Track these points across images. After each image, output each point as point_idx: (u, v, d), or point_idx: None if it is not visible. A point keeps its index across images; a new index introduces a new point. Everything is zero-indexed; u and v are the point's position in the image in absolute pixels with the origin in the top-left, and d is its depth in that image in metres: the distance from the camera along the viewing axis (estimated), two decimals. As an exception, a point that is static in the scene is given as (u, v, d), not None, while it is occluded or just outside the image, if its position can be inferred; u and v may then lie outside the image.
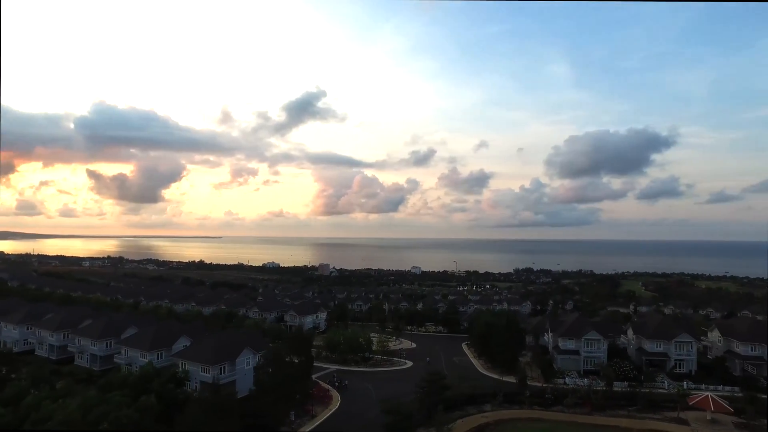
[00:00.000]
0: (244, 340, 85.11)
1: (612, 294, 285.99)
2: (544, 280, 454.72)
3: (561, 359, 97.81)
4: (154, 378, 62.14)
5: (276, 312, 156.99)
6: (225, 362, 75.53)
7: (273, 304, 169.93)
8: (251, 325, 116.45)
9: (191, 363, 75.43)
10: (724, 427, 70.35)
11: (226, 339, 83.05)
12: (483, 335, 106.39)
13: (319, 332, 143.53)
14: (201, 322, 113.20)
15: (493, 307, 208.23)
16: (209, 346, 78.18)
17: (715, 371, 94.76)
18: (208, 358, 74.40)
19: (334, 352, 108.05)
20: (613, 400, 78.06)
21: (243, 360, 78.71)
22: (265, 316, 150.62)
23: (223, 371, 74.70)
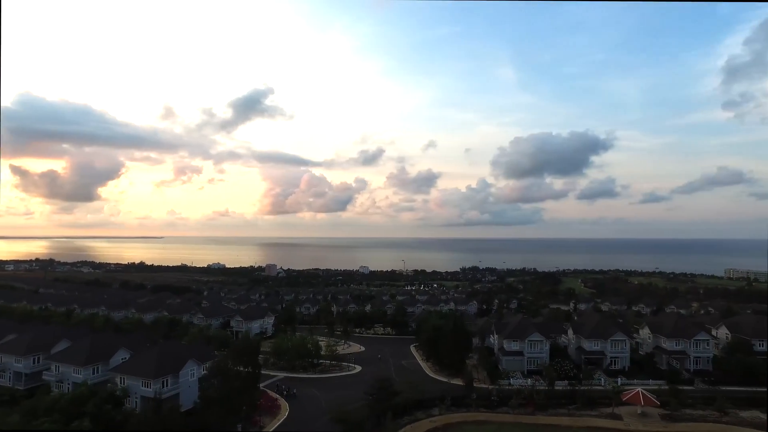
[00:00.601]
0: (188, 350, 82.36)
1: (553, 292, 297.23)
2: (489, 278, 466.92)
3: (506, 360, 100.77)
4: (88, 399, 58.53)
5: (221, 317, 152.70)
6: (168, 375, 72.40)
7: (218, 309, 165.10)
8: (195, 332, 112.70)
9: (131, 377, 71.80)
10: (651, 419, 74.94)
11: (169, 350, 79.80)
12: (431, 339, 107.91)
13: (266, 337, 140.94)
14: (142, 333, 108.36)
15: (440, 308, 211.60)
16: (151, 358, 74.69)
17: (645, 366, 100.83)
18: (150, 372, 71.00)
19: (281, 359, 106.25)
20: (555, 399, 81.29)
21: (187, 372, 75.92)
22: (210, 323, 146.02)
23: (165, 385, 71.60)
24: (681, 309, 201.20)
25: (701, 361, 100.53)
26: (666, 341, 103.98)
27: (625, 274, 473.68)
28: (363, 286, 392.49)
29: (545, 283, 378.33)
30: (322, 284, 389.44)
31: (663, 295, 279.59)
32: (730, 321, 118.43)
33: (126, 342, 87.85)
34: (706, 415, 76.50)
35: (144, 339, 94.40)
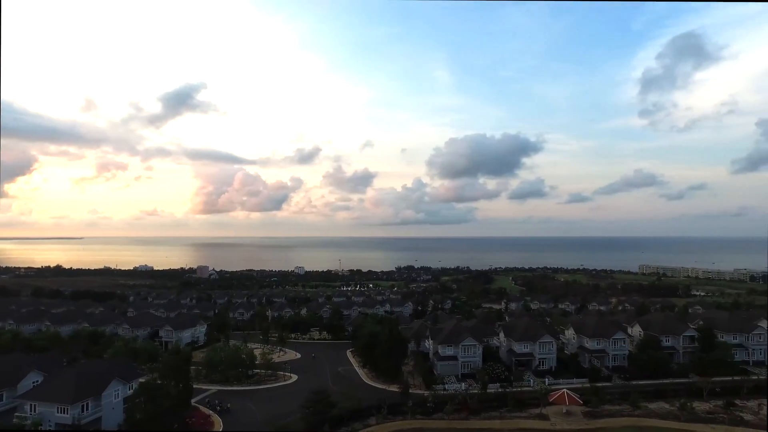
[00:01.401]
0: (111, 367, 77.10)
1: (486, 291, 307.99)
2: (424, 277, 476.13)
3: (441, 365, 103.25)
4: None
5: (149, 327, 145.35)
6: (88, 398, 67.65)
7: (146, 318, 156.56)
8: (120, 346, 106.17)
9: (44, 404, 66.09)
10: (575, 417, 79.55)
11: (90, 369, 74.23)
12: (367, 345, 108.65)
13: (198, 347, 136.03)
14: (58, 350, 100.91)
15: (376, 310, 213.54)
16: (68, 380, 69.07)
17: (570, 366, 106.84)
18: (67, 396, 65.74)
19: (214, 371, 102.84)
20: (488, 402, 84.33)
21: (111, 393, 71.53)
22: (136, 334, 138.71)
23: (86, 409, 67.01)
24: (602, 306, 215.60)
25: (618, 358, 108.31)
26: (588, 341, 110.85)
27: (552, 271, 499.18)
28: (299, 287, 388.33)
29: (478, 282, 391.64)
30: (257, 286, 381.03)
31: (586, 291, 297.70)
32: (643, 319, 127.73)
33: (39, 362, 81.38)
34: (622, 410, 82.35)
35: (60, 357, 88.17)
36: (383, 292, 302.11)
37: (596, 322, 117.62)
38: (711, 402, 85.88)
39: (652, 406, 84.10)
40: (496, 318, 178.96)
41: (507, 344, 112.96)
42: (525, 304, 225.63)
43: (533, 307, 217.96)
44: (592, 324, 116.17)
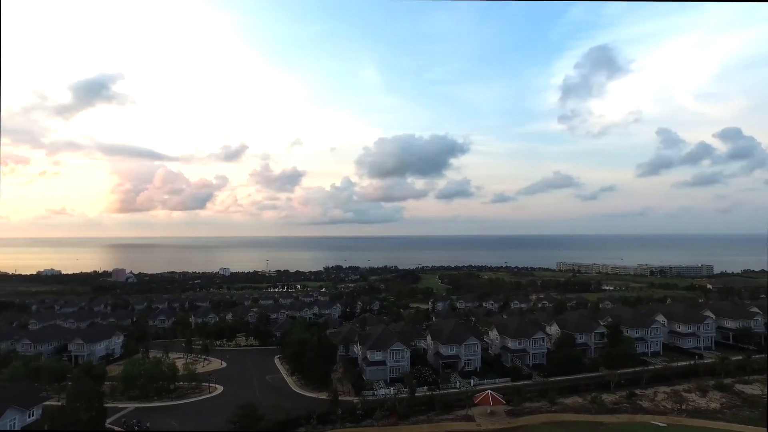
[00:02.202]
0: (7, 393, 69.84)
1: (413, 290, 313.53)
2: (353, 277, 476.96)
3: (370, 371, 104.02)
4: None
5: (56, 341, 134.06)
6: (-20, 430, 61.27)
7: (51, 331, 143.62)
8: (19, 366, 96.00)
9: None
10: (499, 417, 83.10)
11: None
12: (296, 352, 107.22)
13: (114, 360, 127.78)
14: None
15: (304, 313, 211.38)
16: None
17: (494, 366, 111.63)
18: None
19: (132, 387, 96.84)
20: (416, 406, 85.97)
21: (5, 423, 64.70)
22: (40, 350, 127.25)
23: (-24, 443, 60.58)
24: (523, 303, 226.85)
25: (538, 356, 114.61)
26: (511, 341, 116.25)
27: (477, 269, 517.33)
28: (224, 289, 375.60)
29: (406, 281, 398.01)
30: (179, 289, 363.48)
31: (509, 289, 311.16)
32: (560, 318, 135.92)
33: None
34: (541, 407, 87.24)
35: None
36: (311, 294, 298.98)
37: (518, 322, 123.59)
38: (617, 393, 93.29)
39: (568, 401, 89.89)
40: (423, 318, 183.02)
41: (434, 347, 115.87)
42: (451, 304, 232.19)
43: (459, 307, 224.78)
44: (514, 325, 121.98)
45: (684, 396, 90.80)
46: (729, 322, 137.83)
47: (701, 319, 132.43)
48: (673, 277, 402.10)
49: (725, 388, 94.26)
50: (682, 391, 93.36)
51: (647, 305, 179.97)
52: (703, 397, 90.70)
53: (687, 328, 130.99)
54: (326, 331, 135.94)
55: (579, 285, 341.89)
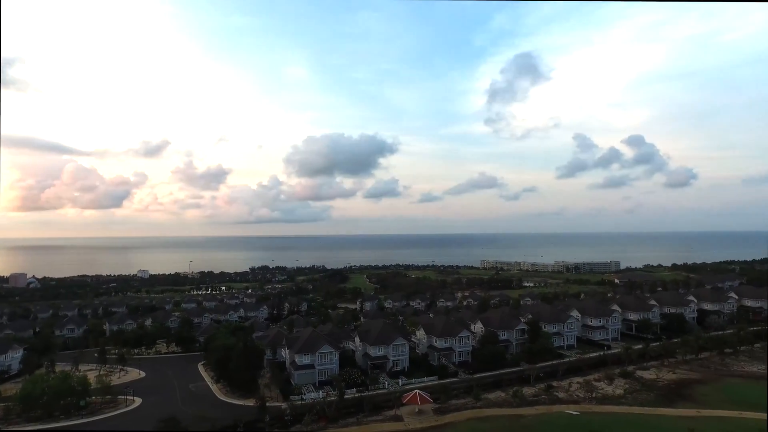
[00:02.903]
0: None
1: (341, 290, 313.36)
2: (280, 278, 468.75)
3: (298, 375, 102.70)
4: None
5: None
6: None
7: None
8: None
9: None
10: (427, 415, 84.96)
11: None
12: (221, 358, 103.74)
13: (10, 377, 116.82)
14: None
15: (230, 316, 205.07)
16: None
17: (421, 365, 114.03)
18: None
19: (34, 407, 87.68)
20: (345, 409, 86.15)
21: None
22: None
23: None
24: (449, 302, 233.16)
25: (463, 354, 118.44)
26: (437, 340, 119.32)
27: (404, 268, 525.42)
28: (142, 293, 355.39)
29: (334, 281, 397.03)
30: (92, 295, 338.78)
31: (435, 287, 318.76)
32: (483, 316, 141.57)
33: None
34: (466, 403, 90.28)
35: None
36: (237, 296, 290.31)
37: (444, 322, 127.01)
38: (536, 386, 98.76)
39: (491, 396, 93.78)
40: (351, 319, 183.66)
41: (362, 348, 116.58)
42: (379, 303, 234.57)
43: (387, 306, 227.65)
44: (440, 324, 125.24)
45: (594, 385, 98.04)
46: (632, 315, 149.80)
47: (609, 313, 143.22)
48: (586, 273, 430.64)
49: (628, 375, 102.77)
50: (592, 381, 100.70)
51: (563, 301, 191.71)
52: (610, 385, 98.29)
53: (597, 322, 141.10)
54: (252, 334, 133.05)
55: (502, 282, 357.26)
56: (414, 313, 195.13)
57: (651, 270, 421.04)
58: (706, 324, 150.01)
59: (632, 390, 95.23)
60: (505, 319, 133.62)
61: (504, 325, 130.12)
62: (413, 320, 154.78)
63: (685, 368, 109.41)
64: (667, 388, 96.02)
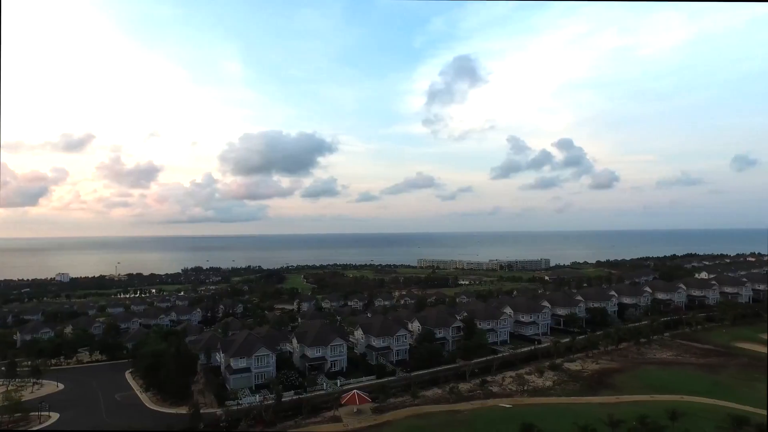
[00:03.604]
0: None
1: (278, 291, 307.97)
2: (214, 279, 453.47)
3: (234, 379, 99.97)
4: None
5: None
6: None
7: None
8: None
9: None
10: (365, 415, 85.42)
11: None
12: (151, 365, 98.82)
13: None
14: None
15: (161, 320, 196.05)
16: None
17: (360, 365, 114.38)
18: None
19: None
20: (283, 412, 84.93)
21: None
22: None
23: None
24: (386, 301, 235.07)
25: (401, 352, 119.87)
26: (375, 340, 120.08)
27: (342, 268, 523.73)
28: (62, 298, 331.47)
29: (270, 282, 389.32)
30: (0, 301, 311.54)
31: (373, 286, 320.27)
32: (420, 315, 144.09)
33: None
34: (404, 401, 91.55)
35: None
36: (169, 298, 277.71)
37: (381, 321, 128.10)
38: (472, 381, 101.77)
39: (429, 393, 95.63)
40: (289, 320, 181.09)
41: (300, 350, 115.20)
42: (317, 304, 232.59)
43: (325, 306, 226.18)
44: (378, 323, 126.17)
45: (526, 378, 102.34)
46: (560, 310, 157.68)
47: (540, 309, 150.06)
48: (518, 271, 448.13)
49: (556, 367, 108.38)
50: (524, 374, 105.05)
51: (497, 298, 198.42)
52: (540, 377, 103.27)
53: (529, 318, 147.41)
54: (185, 339, 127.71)
55: (438, 281, 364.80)
56: (352, 312, 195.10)
57: (578, 267, 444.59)
58: (625, 316, 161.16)
59: (560, 381, 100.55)
60: (442, 318, 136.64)
61: (440, 323, 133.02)
62: (351, 320, 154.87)
63: (606, 358, 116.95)
64: (591, 378, 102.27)
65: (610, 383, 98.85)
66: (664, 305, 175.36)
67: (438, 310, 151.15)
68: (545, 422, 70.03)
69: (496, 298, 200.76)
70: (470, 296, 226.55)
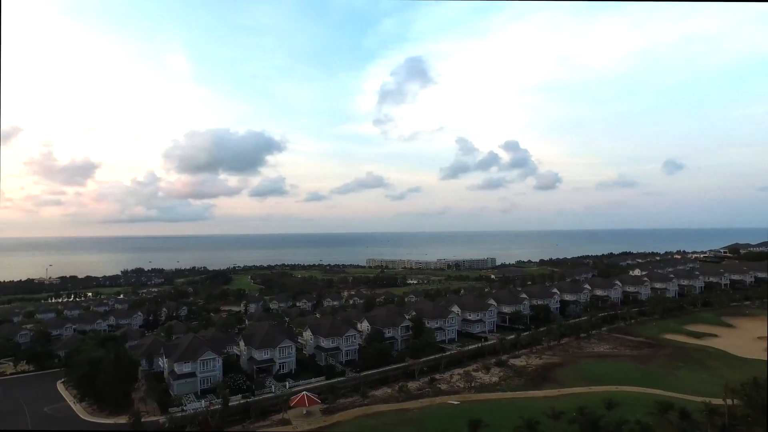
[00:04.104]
0: None
1: (224, 292, 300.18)
2: (156, 281, 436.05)
3: (178, 384, 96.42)
4: None
5: None
6: None
7: None
8: None
9: None
10: (315, 416, 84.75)
11: None
12: (86, 374, 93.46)
13: None
14: None
15: (98, 326, 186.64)
16: None
17: (308, 366, 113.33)
18: None
19: None
20: (231, 416, 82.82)
21: None
22: None
23: None
24: (335, 301, 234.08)
25: (350, 353, 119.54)
26: (324, 340, 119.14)
27: (290, 268, 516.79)
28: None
29: (216, 283, 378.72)
30: None
31: (321, 287, 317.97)
32: (370, 315, 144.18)
33: None
34: (354, 401, 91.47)
35: None
36: (107, 302, 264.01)
37: (330, 322, 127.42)
38: (420, 380, 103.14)
39: (378, 393, 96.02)
40: (235, 322, 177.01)
41: (248, 352, 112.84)
42: (264, 305, 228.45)
43: (273, 307, 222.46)
44: (327, 324, 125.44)
45: (473, 375, 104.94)
46: (506, 308, 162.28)
47: (486, 307, 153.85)
48: (465, 270, 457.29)
49: (502, 363, 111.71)
50: (471, 371, 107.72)
51: (445, 297, 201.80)
52: (487, 374, 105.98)
53: (476, 316, 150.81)
54: (125, 344, 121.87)
55: (387, 280, 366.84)
56: (300, 313, 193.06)
57: (523, 266, 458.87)
58: (567, 313, 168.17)
59: (506, 377, 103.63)
60: (391, 317, 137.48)
61: (389, 322, 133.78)
62: (300, 321, 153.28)
63: (549, 353, 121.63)
64: (535, 373, 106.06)
65: (552, 377, 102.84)
66: (602, 301, 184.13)
67: (387, 309, 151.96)
68: (492, 417, 71.83)
69: (444, 297, 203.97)
70: (419, 295, 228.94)
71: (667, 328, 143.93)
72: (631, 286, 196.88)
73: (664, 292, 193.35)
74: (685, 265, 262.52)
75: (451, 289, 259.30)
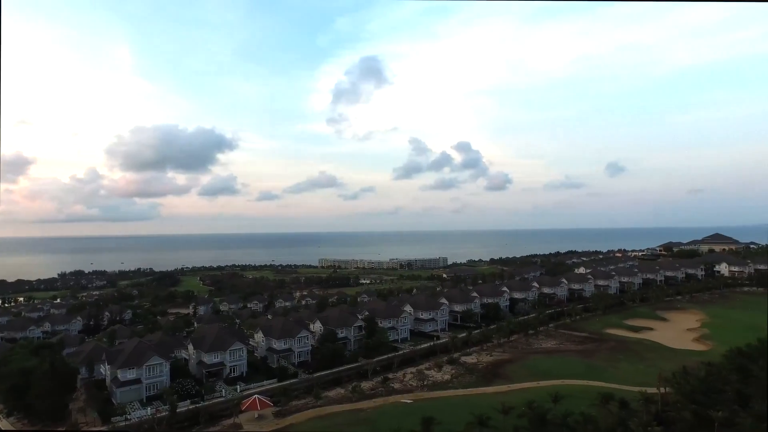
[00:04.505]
0: None
1: (172, 294, 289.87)
2: (98, 283, 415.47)
3: (121, 392, 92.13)
4: None
5: None
6: None
7: None
8: None
9: None
10: (267, 420, 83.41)
11: None
12: (17, 385, 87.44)
13: None
14: None
15: (30, 333, 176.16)
16: None
17: (260, 368, 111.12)
18: None
19: None
20: (179, 423, 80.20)
21: None
22: None
23: None
24: (287, 302, 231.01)
25: (303, 354, 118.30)
26: (276, 342, 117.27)
27: (241, 269, 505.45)
28: None
29: (163, 285, 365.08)
30: None
31: (273, 287, 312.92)
32: (322, 315, 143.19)
33: None
34: (307, 403, 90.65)
35: None
36: (41, 307, 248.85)
37: (282, 323, 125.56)
38: (374, 379, 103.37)
39: (332, 394, 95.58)
40: (184, 325, 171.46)
41: (197, 356, 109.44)
42: (214, 306, 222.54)
43: (223, 309, 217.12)
44: (278, 325, 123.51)
45: (426, 373, 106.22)
46: (457, 306, 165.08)
47: (438, 306, 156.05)
48: (418, 269, 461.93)
49: (454, 361, 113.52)
50: (424, 369, 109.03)
51: (397, 296, 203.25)
52: (439, 372, 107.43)
53: (428, 315, 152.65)
54: (62, 351, 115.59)
55: (339, 280, 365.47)
56: (252, 315, 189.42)
57: (473, 264, 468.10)
58: (516, 310, 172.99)
59: (458, 374, 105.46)
60: (343, 317, 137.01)
61: (342, 323, 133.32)
62: (251, 323, 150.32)
63: (499, 350, 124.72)
64: (486, 370, 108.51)
65: (502, 373, 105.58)
66: (549, 299, 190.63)
67: (340, 309, 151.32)
68: (444, 414, 72.95)
69: (397, 296, 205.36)
70: (371, 295, 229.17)
71: (609, 323, 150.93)
72: (577, 284, 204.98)
73: (606, 288, 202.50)
74: (626, 263, 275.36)
75: (404, 289, 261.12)
